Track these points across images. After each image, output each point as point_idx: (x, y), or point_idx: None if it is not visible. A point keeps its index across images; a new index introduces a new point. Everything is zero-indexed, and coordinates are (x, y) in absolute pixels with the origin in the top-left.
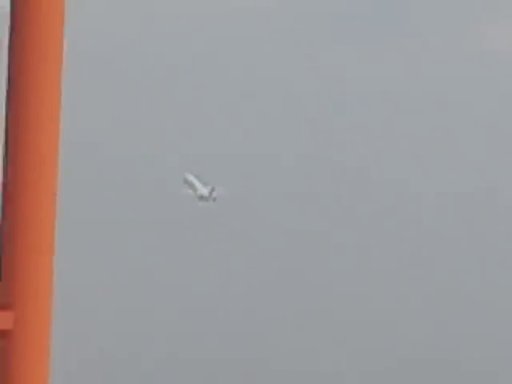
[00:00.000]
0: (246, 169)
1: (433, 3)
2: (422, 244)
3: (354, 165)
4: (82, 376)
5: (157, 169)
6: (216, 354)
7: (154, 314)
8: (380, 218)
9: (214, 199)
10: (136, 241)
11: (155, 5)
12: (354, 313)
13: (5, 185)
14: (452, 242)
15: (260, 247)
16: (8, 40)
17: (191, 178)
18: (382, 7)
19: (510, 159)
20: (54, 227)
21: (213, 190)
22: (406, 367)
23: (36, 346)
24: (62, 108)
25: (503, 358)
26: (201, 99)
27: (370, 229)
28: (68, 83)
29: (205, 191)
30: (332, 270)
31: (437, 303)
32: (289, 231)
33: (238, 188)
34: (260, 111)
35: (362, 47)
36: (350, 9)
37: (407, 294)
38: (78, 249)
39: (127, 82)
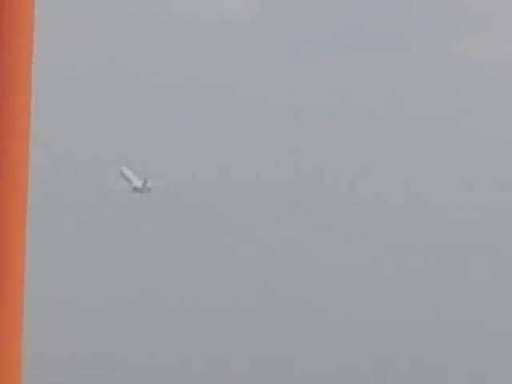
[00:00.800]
0: (236, 179)
1: (406, 18)
2: (414, 262)
3: (336, 177)
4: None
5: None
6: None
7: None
8: (364, 232)
9: (149, 190)
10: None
11: (127, 21)
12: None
13: None
14: (443, 263)
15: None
16: None
17: (127, 171)
18: (356, 23)
19: (496, 173)
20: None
21: (146, 181)
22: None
23: None
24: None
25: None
26: (178, 115)
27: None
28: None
29: (138, 183)
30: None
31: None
32: (276, 243)
33: (226, 197)
34: (240, 125)
35: (342, 61)
36: (327, 25)
37: (400, 308)
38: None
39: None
